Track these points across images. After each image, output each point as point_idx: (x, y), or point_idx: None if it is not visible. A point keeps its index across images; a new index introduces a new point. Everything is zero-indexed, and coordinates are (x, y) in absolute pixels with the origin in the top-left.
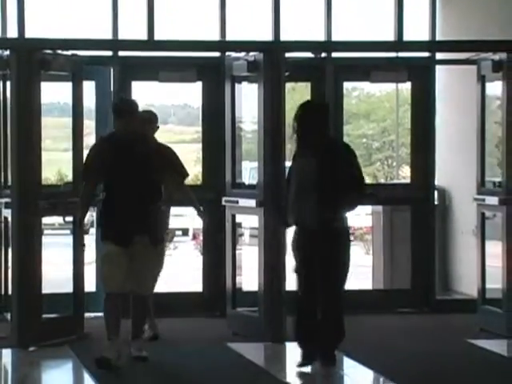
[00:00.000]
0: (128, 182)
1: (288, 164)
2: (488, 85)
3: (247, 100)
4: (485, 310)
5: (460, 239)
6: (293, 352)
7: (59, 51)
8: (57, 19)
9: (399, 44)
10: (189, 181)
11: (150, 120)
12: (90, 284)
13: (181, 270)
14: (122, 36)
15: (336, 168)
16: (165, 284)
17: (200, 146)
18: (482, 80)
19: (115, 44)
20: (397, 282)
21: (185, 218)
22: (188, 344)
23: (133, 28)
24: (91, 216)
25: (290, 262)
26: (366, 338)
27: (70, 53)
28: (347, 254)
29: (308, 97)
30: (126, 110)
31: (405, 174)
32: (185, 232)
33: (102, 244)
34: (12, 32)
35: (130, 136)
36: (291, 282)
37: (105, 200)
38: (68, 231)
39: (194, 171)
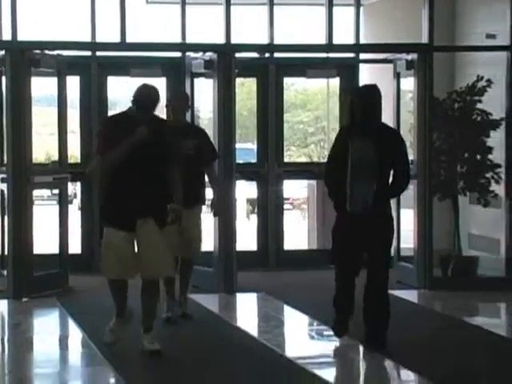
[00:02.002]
0: (133, 164)
1: (241, 146)
2: (402, 80)
3: (204, 93)
4: (400, 266)
5: None
6: (242, 301)
7: (46, 51)
8: (45, 24)
9: (329, 46)
10: None
11: (181, 100)
12: (74, 246)
13: None
14: (99, 39)
15: (393, 155)
16: None
17: None
18: (398, 76)
19: (93, 45)
20: (327, 242)
21: None
22: None
23: (108, 31)
24: (74, 189)
25: (242, 226)
26: (302, 290)
27: (55, 53)
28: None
29: (254, 90)
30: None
31: None
32: None
33: (104, 229)
34: (6, 35)
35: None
36: (241, 244)
37: (108, 183)
38: (55, 202)
39: None
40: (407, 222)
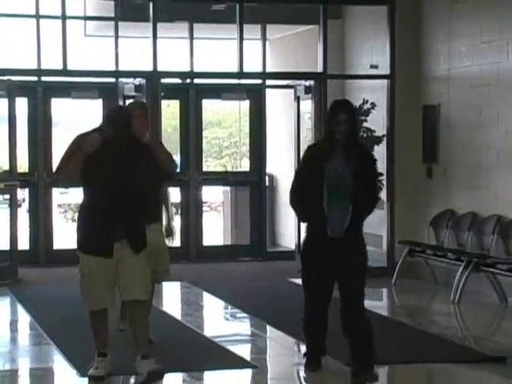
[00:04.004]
0: (105, 183)
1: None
2: (302, 103)
3: None
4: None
5: (282, 209)
6: (167, 288)
7: None
8: None
9: (240, 74)
10: None
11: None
12: (23, 243)
13: None
14: (44, 66)
15: (367, 176)
16: (72, 240)
17: None
18: (298, 99)
19: (39, 72)
20: (240, 239)
21: None
22: None
23: (52, 60)
24: (22, 194)
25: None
26: (218, 279)
27: (5, 78)
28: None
29: (177, 110)
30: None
31: (245, 165)
32: None
33: (79, 254)
34: None
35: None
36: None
37: (83, 204)
38: (6, 205)
39: None
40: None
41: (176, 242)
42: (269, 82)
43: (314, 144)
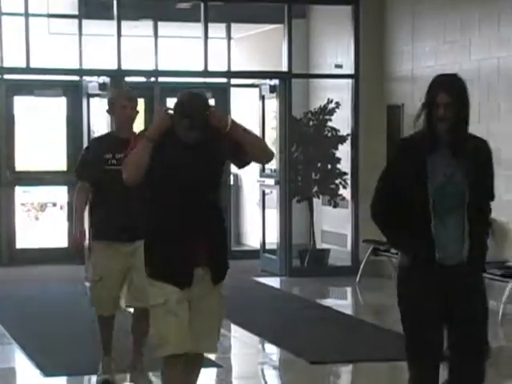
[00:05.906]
0: (186, 190)
1: None
2: (266, 102)
3: (98, 111)
4: (265, 257)
5: (248, 208)
6: None
7: None
8: None
9: (205, 72)
10: (56, 167)
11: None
12: None
13: (52, 231)
14: (6, 64)
15: (484, 178)
16: (35, 239)
17: (65, 143)
18: (263, 98)
19: (1, 70)
20: None
21: (53, 193)
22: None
23: (15, 57)
24: None
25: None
26: None
27: None
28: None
29: (142, 108)
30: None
31: None
32: (54, 204)
33: (150, 283)
34: None
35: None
36: None
37: (152, 217)
38: None
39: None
40: (271, 220)
41: None
42: (234, 81)
43: (406, 138)
